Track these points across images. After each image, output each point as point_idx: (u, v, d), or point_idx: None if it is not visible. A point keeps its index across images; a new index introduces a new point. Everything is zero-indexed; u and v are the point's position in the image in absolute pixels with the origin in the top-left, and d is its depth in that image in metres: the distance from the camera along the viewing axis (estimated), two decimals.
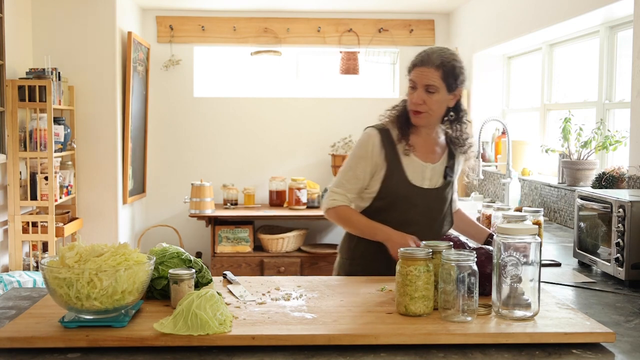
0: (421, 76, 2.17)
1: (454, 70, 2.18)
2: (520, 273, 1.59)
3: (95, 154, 5.00)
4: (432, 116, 2.22)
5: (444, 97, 2.19)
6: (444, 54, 2.19)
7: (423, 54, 2.21)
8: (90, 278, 1.48)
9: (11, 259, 4.32)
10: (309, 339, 1.47)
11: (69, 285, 1.49)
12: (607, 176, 3.11)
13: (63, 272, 1.49)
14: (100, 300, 1.50)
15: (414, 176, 2.23)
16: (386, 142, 2.23)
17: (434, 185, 2.26)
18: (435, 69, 2.16)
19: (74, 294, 1.49)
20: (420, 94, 2.18)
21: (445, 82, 2.17)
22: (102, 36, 4.94)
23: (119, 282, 1.50)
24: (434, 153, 2.28)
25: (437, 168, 2.27)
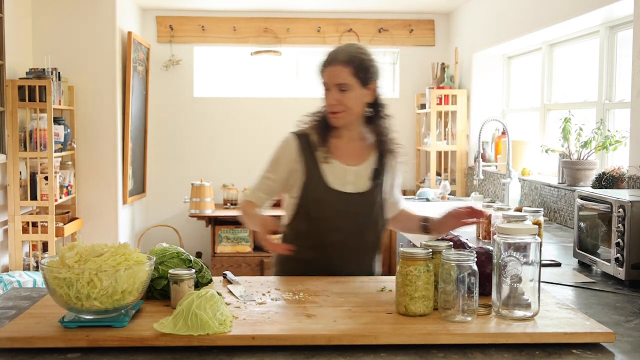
0: (331, 75, 2.12)
1: (363, 64, 2.13)
2: (520, 273, 1.59)
3: (95, 154, 5.00)
4: (351, 115, 2.14)
5: (359, 94, 2.13)
6: (350, 50, 2.15)
7: (330, 53, 2.15)
8: (90, 278, 1.48)
9: (11, 259, 4.32)
10: (309, 339, 1.47)
11: (69, 285, 1.49)
12: (607, 176, 3.11)
13: (63, 272, 1.49)
14: (100, 300, 1.49)
15: (334, 181, 2.14)
16: (305, 147, 2.17)
17: (358, 189, 2.15)
18: (344, 65, 2.11)
19: (74, 294, 1.49)
20: (334, 94, 2.12)
21: (357, 78, 2.11)
22: (102, 36, 4.94)
23: (119, 282, 1.50)
24: (358, 156, 2.19)
25: (361, 171, 2.18)
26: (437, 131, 5.60)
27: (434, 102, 5.49)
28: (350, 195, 2.14)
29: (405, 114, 6.17)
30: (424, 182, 5.89)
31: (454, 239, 1.86)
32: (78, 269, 1.49)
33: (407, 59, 6.13)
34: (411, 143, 6.19)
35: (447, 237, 1.92)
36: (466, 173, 5.52)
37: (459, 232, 3.26)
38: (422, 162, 6.15)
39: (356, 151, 2.20)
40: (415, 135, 6.17)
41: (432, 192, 5.00)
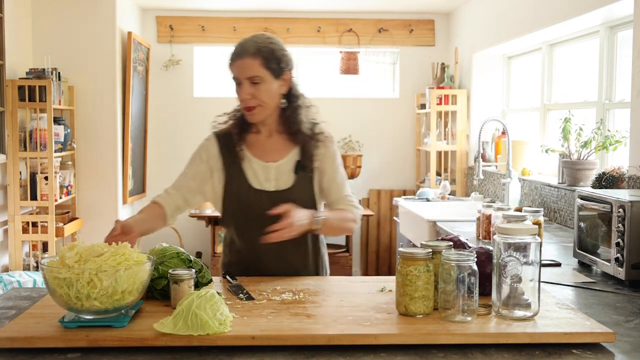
0: (241, 69, 2.04)
1: (274, 54, 2.04)
2: (520, 273, 1.58)
3: (95, 154, 5.00)
4: (267, 108, 2.06)
5: (273, 86, 2.05)
6: (258, 40, 2.05)
7: (237, 46, 2.07)
8: (90, 278, 1.48)
9: (11, 259, 4.32)
10: (309, 339, 1.47)
11: (69, 285, 1.49)
12: (607, 176, 3.11)
13: (63, 272, 1.49)
14: (100, 300, 1.49)
15: (255, 179, 2.09)
16: (224, 147, 2.12)
17: (280, 186, 2.08)
18: (252, 57, 2.02)
19: (74, 294, 1.49)
20: (247, 88, 2.04)
21: (268, 69, 2.03)
22: (102, 36, 4.94)
23: (119, 282, 1.50)
24: (278, 150, 2.12)
25: (282, 166, 2.10)
26: (437, 131, 5.60)
27: (434, 102, 5.49)
28: (273, 193, 2.07)
29: (405, 114, 6.17)
30: (424, 182, 5.89)
31: (454, 239, 1.86)
32: (78, 269, 1.49)
33: (407, 59, 6.13)
34: (411, 143, 6.20)
35: (447, 237, 1.92)
36: (466, 173, 5.52)
37: (459, 232, 3.27)
38: (422, 162, 6.15)
39: (276, 146, 2.12)
40: (415, 135, 6.17)
41: (432, 192, 5.00)
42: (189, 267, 1.79)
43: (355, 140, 6.06)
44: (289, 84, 2.11)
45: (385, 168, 6.20)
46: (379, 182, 6.20)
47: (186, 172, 2.16)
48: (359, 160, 5.88)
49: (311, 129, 2.14)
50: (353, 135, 6.09)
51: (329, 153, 2.14)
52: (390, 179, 6.22)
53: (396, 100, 6.19)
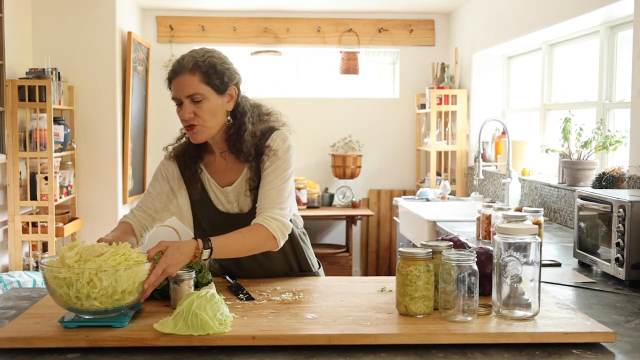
0: (180, 87, 1.89)
1: (215, 68, 1.89)
2: (520, 273, 1.58)
3: (95, 154, 5.00)
4: (210, 128, 1.92)
5: (216, 103, 1.90)
6: (196, 55, 1.91)
7: (175, 63, 1.93)
8: (90, 278, 1.48)
9: (11, 259, 4.32)
10: (309, 339, 1.47)
11: (68, 285, 1.48)
12: (607, 176, 3.11)
13: (63, 271, 1.49)
14: (100, 300, 1.49)
15: (219, 202, 2.01)
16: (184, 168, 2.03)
17: (244, 207, 2.00)
18: (191, 73, 1.88)
19: (74, 293, 1.48)
20: (187, 106, 1.89)
21: (210, 85, 1.89)
22: (102, 36, 4.94)
23: (119, 282, 1.50)
24: (231, 170, 2.01)
25: (237, 187, 2.00)
26: (437, 131, 5.60)
27: (434, 102, 5.49)
28: (239, 215, 2.00)
29: (405, 114, 6.17)
30: (424, 182, 5.89)
31: (454, 239, 1.86)
32: (78, 269, 1.49)
33: (407, 59, 6.13)
34: (411, 143, 6.20)
35: (447, 237, 1.91)
36: (466, 173, 5.52)
37: (459, 232, 3.27)
38: (422, 162, 6.15)
39: (229, 166, 2.01)
40: (415, 135, 6.17)
41: (432, 192, 5.00)
42: (188, 268, 1.78)
43: (355, 140, 6.06)
44: (236, 100, 1.97)
45: (385, 168, 6.20)
46: (379, 182, 6.20)
47: (150, 191, 2.07)
48: (359, 160, 5.88)
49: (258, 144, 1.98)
50: (353, 135, 6.08)
51: (271, 165, 1.97)
52: (390, 179, 6.22)
53: (396, 100, 6.19)
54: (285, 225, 1.93)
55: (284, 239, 1.94)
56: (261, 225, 1.89)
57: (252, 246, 1.89)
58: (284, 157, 1.98)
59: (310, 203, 5.70)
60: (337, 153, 5.92)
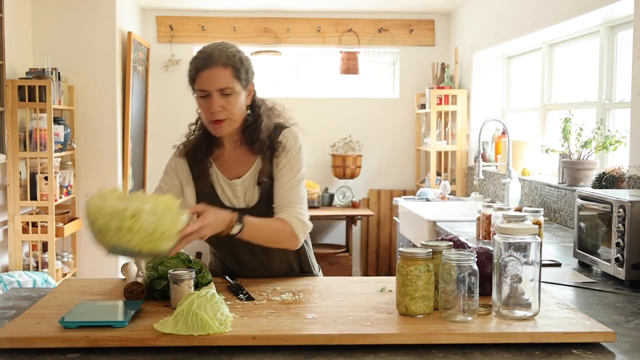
0: (211, 80, 1.90)
1: (243, 63, 1.95)
2: (520, 273, 1.58)
3: (95, 154, 5.00)
4: (236, 122, 1.96)
5: (242, 97, 1.96)
6: (226, 49, 1.94)
7: (204, 56, 1.93)
8: (135, 212, 1.49)
9: (11, 259, 4.32)
10: (309, 339, 1.47)
11: (112, 215, 1.48)
12: (607, 176, 3.11)
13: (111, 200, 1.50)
14: (139, 237, 1.50)
15: (224, 196, 2.02)
16: (193, 162, 2.04)
17: (250, 201, 2.01)
18: (223, 67, 1.90)
19: (116, 224, 1.48)
20: (217, 100, 1.90)
21: (239, 80, 1.93)
22: (102, 36, 4.94)
23: (161, 223, 1.52)
24: (242, 165, 2.03)
25: (246, 181, 2.01)
26: (437, 131, 5.60)
27: (434, 102, 5.49)
28: (244, 210, 1.98)
29: (405, 114, 6.17)
30: (424, 182, 5.89)
31: (454, 239, 1.86)
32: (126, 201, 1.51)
33: (407, 59, 6.13)
34: (411, 143, 6.20)
35: (447, 237, 1.91)
36: (466, 173, 5.52)
37: (459, 232, 3.27)
38: (422, 162, 6.15)
39: (240, 159, 2.04)
40: (415, 135, 6.17)
41: (432, 192, 5.00)
42: (188, 268, 1.78)
43: (355, 140, 6.06)
44: (253, 95, 2.03)
45: (385, 168, 6.20)
46: (379, 182, 6.20)
47: (161, 185, 2.08)
48: (359, 160, 5.88)
49: (271, 137, 2.01)
50: (353, 135, 6.08)
51: (284, 157, 2.01)
52: (390, 179, 6.22)
53: (396, 100, 6.19)
54: (306, 224, 1.97)
55: (304, 238, 1.99)
56: (286, 221, 1.93)
57: (276, 238, 1.94)
58: (297, 156, 2.02)
59: (310, 203, 5.69)
60: (337, 153, 5.92)
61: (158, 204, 1.56)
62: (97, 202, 1.51)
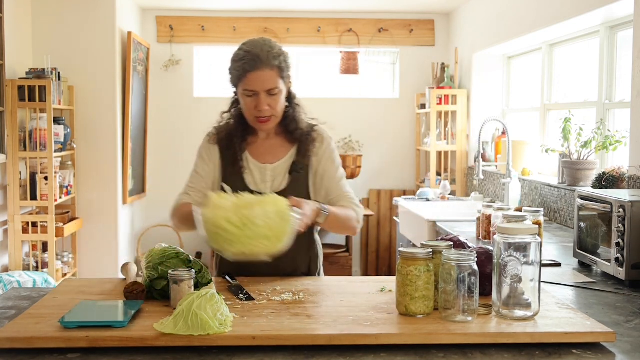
0: (260, 81, 1.98)
1: (287, 62, 2.03)
2: (520, 273, 1.58)
3: (95, 154, 5.00)
4: (278, 117, 2.07)
5: (284, 94, 2.06)
6: (272, 50, 2.00)
7: (252, 57, 1.98)
8: (251, 219, 1.58)
9: (11, 259, 4.32)
10: (309, 339, 1.47)
11: (243, 224, 1.57)
12: (607, 176, 3.11)
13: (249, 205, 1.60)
14: (268, 240, 1.59)
15: (252, 180, 2.08)
16: (224, 145, 2.12)
17: (277, 187, 2.07)
18: (271, 69, 1.98)
19: (236, 232, 1.57)
20: (265, 99, 2.00)
21: (283, 79, 2.03)
22: (102, 36, 4.94)
23: (278, 224, 1.62)
24: (276, 152, 2.11)
25: (278, 168, 2.10)
26: (437, 131, 5.60)
27: (434, 102, 5.49)
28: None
29: (405, 114, 6.17)
30: (424, 182, 5.89)
31: (454, 239, 1.86)
32: (240, 208, 1.59)
33: (407, 59, 6.13)
34: (411, 143, 6.20)
35: (447, 237, 1.91)
36: (466, 173, 5.52)
37: (459, 232, 3.27)
38: (422, 162, 6.15)
39: (274, 148, 2.12)
40: (415, 135, 6.17)
41: (432, 192, 5.00)
42: (188, 268, 1.78)
43: (355, 140, 6.06)
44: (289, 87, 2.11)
45: (385, 168, 6.20)
46: (379, 182, 6.20)
47: (199, 172, 2.15)
48: (359, 160, 5.88)
49: (307, 128, 2.13)
50: (353, 135, 6.08)
51: (326, 152, 2.12)
52: (390, 179, 6.22)
53: (396, 100, 6.19)
54: (361, 215, 2.13)
55: (360, 227, 2.13)
56: (352, 210, 2.09)
57: (347, 224, 2.09)
58: (335, 151, 2.15)
59: None
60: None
61: (271, 206, 1.64)
62: (212, 214, 1.60)
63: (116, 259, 5.07)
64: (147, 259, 1.82)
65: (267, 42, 2.02)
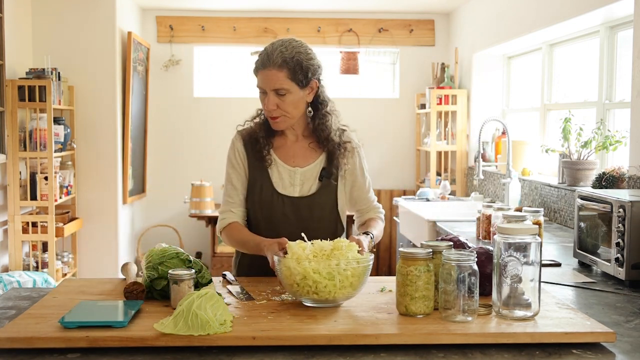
0: (266, 80, 1.98)
1: (301, 65, 1.98)
2: (520, 273, 1.58)
3: (95, 154, 5.00)
4: (292, 118, 2.04)
5: (298, 96, 2.01)
6: (285, 50, 1.98)
7: (263, 55, 2.00)
8: (331, 274, 1.63)
9: (11, 259, 4.32)
10: (309, 339, 1.47)
11: (330, 277, 1.62)
12: (607, 176, 3.11)
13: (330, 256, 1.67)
14: (352, 287, 1.65)
15: (280, 183, 2.07)
16: (250, 148, 2.10)
17: (306, 192, 2.07)
18: (279, 69, 1.96)
19: (336, 284, 1.62)
20: (272, 98, 1.99)
21: (294, 81, 1.98)
22: (102, 36, 4.94)
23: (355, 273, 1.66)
24: (305, 156, 2.10)
25: (308, 172, 2.09)
26: (437, 131, 5.60)
27: (434, 102, 5.49)
28: (296, 198, 2.07)
29: (405, 114, 6.17)
30: (424, 182, 5.89)
31: (454, 239, 1.86)
32: (342, 257, 1.66)
33: (407, 59, 6.13)
34: (411, 143, 6.20)
35: (447, 237, 1.91)
36: (466, 173, 5.52)
37: (459, 232, 3.27)
38: (422, 162, 6.15)
39: (303, 151, 2.11)
40: (415, 135, 6.17)
41: (432, 192, 5.00)
42: (188, 268, 1.78)
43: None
44: (316, 92, 2.07)
45: (385, 168, 6.20)
46: (379, 182, 6.20)
47: (235, 185, 2.12)
48: None
49: (339, 137, 2.11)
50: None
51: (357, 162, 2.14)
52: (390, 179, 6.22)
53: (396, 100, 6.19)
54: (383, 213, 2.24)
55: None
56: (380, 219, 2.18)
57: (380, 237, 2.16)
58: (364, 159, 2.19)
59: None
60: None
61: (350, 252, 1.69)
62: (300, 267, 1.64)
63: (116, 259, 5.07)
64: (147, 259, 1.82)
65: (287, 43, 2.00)
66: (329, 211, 2.10)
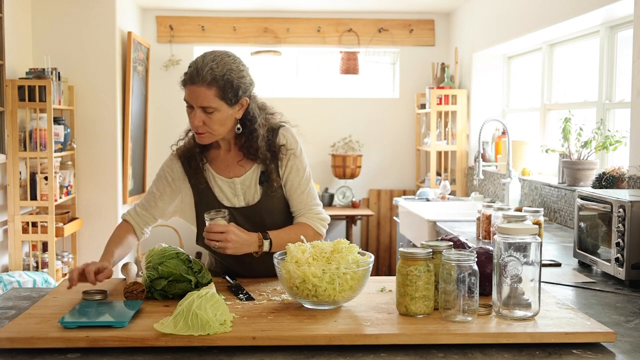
0: (194, 96, 1.88)
1: (232, 84, 1.89)
2: (520, 273, 1.58)
3: (95, 154, 5.00)
4: (217, 135, 1.96)
5: (226, 114, 1.92)
6: (216, 67, 1.87)
7: (193, 69, 1.89)
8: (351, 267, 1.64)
9: (11, 259, 4.32)
10: (309, 339, 1.47)
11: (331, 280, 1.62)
12: (607, 176, 3.11)
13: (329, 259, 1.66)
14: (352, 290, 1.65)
15: (223, 196, 2.03)
16: (188, 166, 2.05)
17: (251, 200, 2.03)
18: (208, 87, 1.86)
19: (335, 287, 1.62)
20: (199, 115, 1.90)
21: (224, 99, 1.89)
22: (102, 36, 4.94)
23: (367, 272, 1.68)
24: (239, 165, 2.03)
25: (247, 180, 2.03)
26: (437, 131, 5.60)
27: (434, 102, 5.49)
28: (243, 209, 2.02)
29: (405, 114, 6.17)
30: (424, 182, 5.89)
31: (454, 239, 1.86)
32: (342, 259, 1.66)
33: (407, 59, 6.13)
34: (411, 143, 6.20)
35: (447, 237, 1.91)
36: (466, 173, 5.52)
37: (459, 232, 3.27)
38: (422, 162, 6.15)
39: (237, 160, 2.04)
40: (415, 135, 6.17)
41: (432, 192, 5.00)
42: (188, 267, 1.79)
43: (355, 140, 6.06)
44: (246, 108, 1.98)
45: (385, 168, 6.20)
46: (379, 182, 6.20)
47: (153, 191, 2.10)
48: (359, 160, 5.88)
49: (269, 142, 2.02)
50: (353, 135, 6.08)
51: (290, 161, 2.04)
52: (390, 179, 6.22)
53: (396, 100, 6.19)
54: (325, 219, 2.09)
55: (325, 230, 2.09)
56: (308, 225, 2.04)
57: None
58: (300, 156, 2.07)
59: None
60: (337, 153, 5.92)
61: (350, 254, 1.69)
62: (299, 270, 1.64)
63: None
64: (147, 259, 1.82)
65: (218, 58, 1.90)
66: (279, 217, 2.05)
